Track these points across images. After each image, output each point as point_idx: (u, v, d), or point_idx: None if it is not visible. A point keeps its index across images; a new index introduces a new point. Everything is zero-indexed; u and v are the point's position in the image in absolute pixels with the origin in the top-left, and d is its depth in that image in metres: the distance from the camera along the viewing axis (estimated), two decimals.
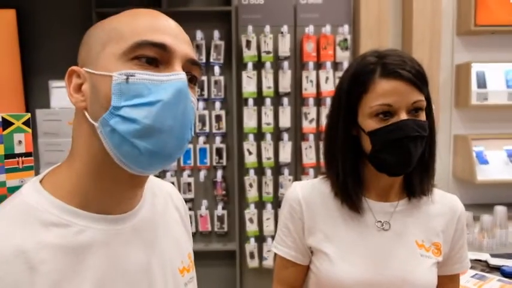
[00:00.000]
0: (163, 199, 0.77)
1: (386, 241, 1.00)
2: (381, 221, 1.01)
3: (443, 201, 1.07)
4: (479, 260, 1.85)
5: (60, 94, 2.80)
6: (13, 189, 1.00)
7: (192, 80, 0.63)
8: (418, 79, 0.92)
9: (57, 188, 0.62)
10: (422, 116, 0.95)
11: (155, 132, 0.57)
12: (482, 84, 3.11)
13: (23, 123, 1.03)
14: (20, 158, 1.02)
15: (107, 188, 0.63)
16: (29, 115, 1.04)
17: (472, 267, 1.76)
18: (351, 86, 0.97)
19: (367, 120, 0.94)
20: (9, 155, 0.99)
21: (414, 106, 0.92)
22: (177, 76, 0.59)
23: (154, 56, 0.59)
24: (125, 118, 0.57)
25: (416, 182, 1.02)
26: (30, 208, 0.60)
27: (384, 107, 0.92)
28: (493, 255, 1.89)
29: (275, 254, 1.10)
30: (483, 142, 3.15)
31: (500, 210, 2.11)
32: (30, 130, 1.05)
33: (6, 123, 0.98)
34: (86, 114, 0.61)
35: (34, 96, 3.23)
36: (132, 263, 0.64)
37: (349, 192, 1.00)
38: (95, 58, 0.61)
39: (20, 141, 1.02)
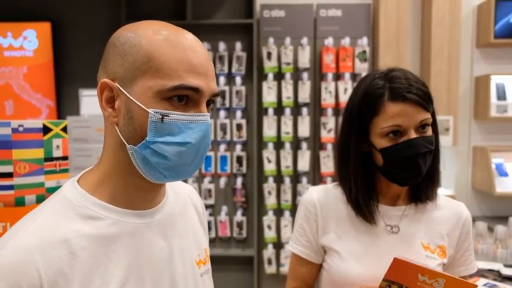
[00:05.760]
0: (183, 198, 0.85)
1: (394, 243, 1.08)
2: (390, 225, 1.09)
3: (449, 207, 1.14)
4: (492, 270, 1.87)
5: (89, 102, 2.95)
6: (51, 190, 1.11)
7: (209, 104, 0.72)
8: (424, 100, 1.00)
9: (91, 186, 0.71)
10: (429, 131, 1.03)
11: (181, 166, 0.69)
12: (501, 96, 3.12)
13: (61, 129, 1.14)
14: (58, 161, 1.13)
15: (132, 188, 0.72)
16: (66, 122, 1.16)
17: (484, 277, 1.80)
18: (361, 108, 1.05)
19: (378, 139, 1.03)
20: (48, 158, 1.11)
21: (421, 124, 1.01)
22: (203, 117, 0.69)
23: (186, 95, 0.68)
24: (157, 152, 0.67)
25: (422, 189, 1.10)
26: (70, 203, 0.69)
27: (394, 128, 1.00)
28: (506, 266, 1.91)
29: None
30: (503, 154, 3.14)
31: None
32: (67, 136, 1.16)
33: (46, 129, 1.10)
34: (118, 131, 0.69)
35: (65, 103, 3.41)
36: (157, 253, 0.73)
37: (361, 205, 1.08)
38: (130, 80, 0.67)
39: (58, 146, 1.14)
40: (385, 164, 1.03)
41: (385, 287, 0.95)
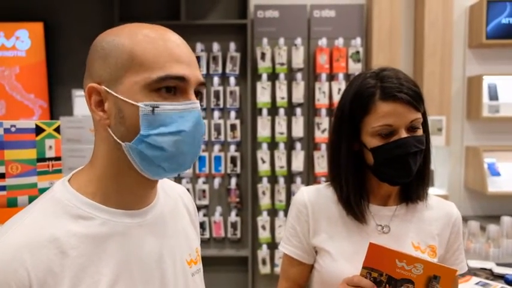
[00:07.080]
0: (174, 199, 0.86)
1: (385, 243, 1.07)
2: (381, 225, 1.10)
3: (440, 207, 1.15)
4: (484, 269, 1.89)
5: (82, 102, 2.94)
6: (44, 191, 1.10)
7: (198, 95, 0.73)
8: (415, 100, 1.01)
9: (82, 186, 0.72)
10: (420, 131, 1.04)
11: (179, 155, 0.69)
12: (493, 96, 3.14)
13: (54, 129, 1.14)
14: (50, 162, 1.13)
15: (124, 188, 0.72)
16: (59, 122, 1.15)
17: (476, 275, 1.81)
18: (353, 108, 1.05)
19: (369, 138, 1.03)
20: (41, 159, 1.10)
21: (412, 124, 1.01)
22: (194, 105, 0.70)
23: (174, 85, 0.68)
24: (152, 145, 0.67)
25: (412, 188, 1.11)
26: (60, 203, 0.69)
27: (385, 127, 1.00)
28: (498, 264, 1.92)
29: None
30: (495, 154, 3.17)
31: (507, 220, 2.14)
32: (60, 136, 1.16)
33: (39, 130, 1.10)
34: (111, 132, 0.69)
35: (58, 104, 3.39)
36: (147, 252, 0.73)
37: (352, 204, 1.08)
38: (116, 80, 0.68)
39: (50, 147, 1.13)
40: (376, 163, 1.03)
41: (365, 275, 0.94)
